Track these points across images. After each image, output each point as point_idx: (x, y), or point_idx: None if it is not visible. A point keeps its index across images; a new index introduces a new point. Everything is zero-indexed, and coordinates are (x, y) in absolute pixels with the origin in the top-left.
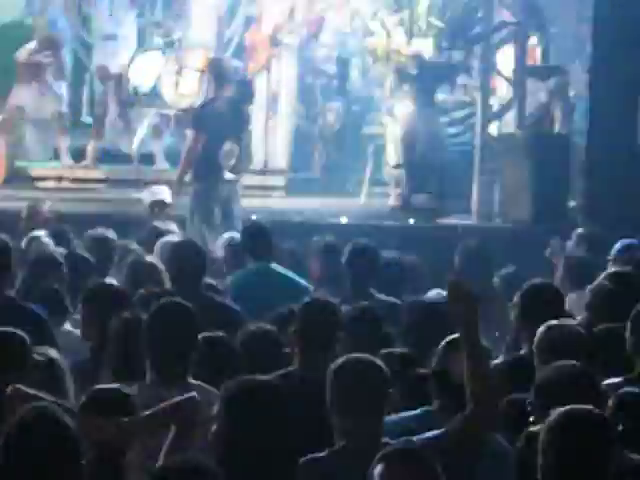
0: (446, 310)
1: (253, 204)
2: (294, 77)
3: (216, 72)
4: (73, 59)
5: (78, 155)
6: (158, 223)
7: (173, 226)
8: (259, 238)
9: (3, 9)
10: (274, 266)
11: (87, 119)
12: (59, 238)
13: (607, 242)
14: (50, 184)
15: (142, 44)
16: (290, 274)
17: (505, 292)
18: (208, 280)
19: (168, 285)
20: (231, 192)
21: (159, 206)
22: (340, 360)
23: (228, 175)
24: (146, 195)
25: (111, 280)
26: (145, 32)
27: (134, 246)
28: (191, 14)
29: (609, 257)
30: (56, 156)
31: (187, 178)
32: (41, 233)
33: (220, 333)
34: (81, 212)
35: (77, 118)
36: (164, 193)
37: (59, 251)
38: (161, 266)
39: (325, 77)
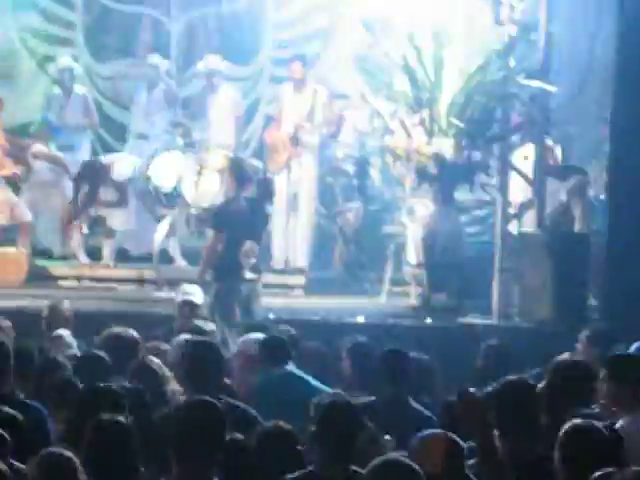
0: None
1: (273, 303)
2: (314, 176)
3: (236, 172)
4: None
5: (98, 253)
6: (199, 322)
7: (212, 326)
8: (276, 348)
9: (26, 110)
10: (294, 370)
11: None
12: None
13: (619, 342)
14: (70, 283)
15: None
16: (310, 379)
17: None
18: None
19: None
20: (251, 291)
21: (189, 306)
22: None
23: (248, 274)
24: (177, 294)
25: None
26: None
27: (164, 346)
28: (209, 114)
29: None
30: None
31: (208, 277)
32: (64, 332)
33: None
34: (101, 311)
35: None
36: (195, 293)
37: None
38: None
39: (345, 177)
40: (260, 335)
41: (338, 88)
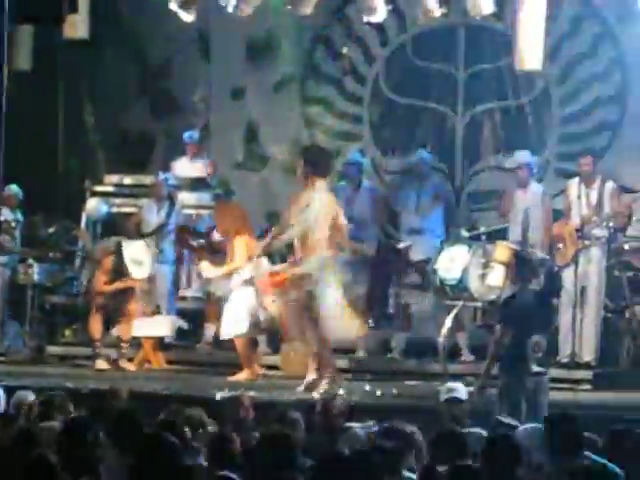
0: None
1: (559, 397)
2: (601, 270)
3: (523, 266)
4: None
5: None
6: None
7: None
8: (564, 430)
9: None
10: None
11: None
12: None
13: None
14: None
15: (447, 237)
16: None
17: None
18: None
19: None
20: (538, 385)
21: (454, 403)
22: None
23: (535, 368)
24: (442, 392)
25: None
26: (450, 226)
27: None
28: (516, 208)
29: None
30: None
31: (494, 371)
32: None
33: None
34: (381, 404)
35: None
36: (459, 390)
37: None
38: None
39: (633, 270)
40: None
41: (626, 181)
